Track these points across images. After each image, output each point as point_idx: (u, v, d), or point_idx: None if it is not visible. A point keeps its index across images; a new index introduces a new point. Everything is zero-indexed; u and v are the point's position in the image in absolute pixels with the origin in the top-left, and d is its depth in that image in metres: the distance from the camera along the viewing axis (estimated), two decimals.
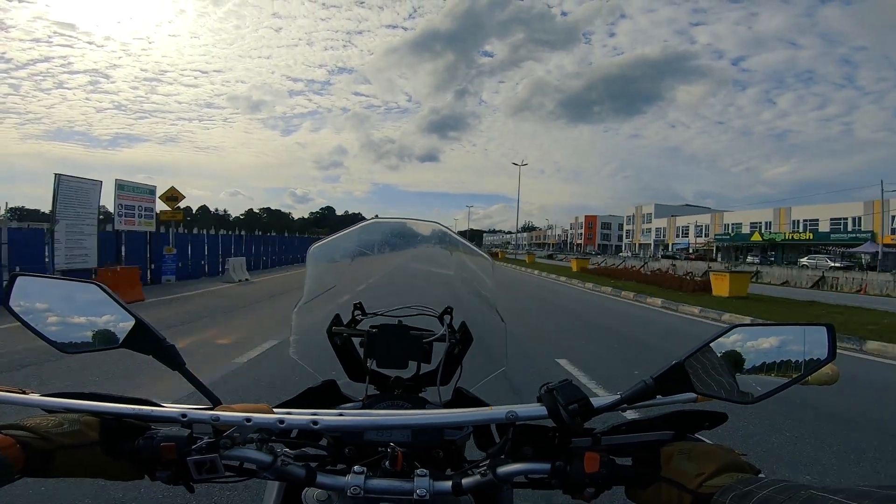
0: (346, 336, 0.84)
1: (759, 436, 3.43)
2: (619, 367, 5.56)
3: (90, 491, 2.30)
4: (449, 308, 0.85)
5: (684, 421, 0.60)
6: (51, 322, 0.61)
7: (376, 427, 0.62)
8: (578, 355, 5.91)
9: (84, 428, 0.52)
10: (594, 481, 0.53)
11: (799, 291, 18.95)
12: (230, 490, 2.35)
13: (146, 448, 0.52)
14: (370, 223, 0.91)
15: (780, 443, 3.34)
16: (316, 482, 0.57)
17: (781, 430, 3.55)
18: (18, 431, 0.49)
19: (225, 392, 2.24)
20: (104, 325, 0.61)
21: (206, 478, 0.53)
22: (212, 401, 0.62)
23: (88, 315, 0.62)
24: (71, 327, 0.61)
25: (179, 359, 0.62)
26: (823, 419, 3.81)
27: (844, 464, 3.04)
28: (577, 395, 0.55)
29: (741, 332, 0.55)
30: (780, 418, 3.73)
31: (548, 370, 5.12)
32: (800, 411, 3.91)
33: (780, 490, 0.39)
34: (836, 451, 3.24)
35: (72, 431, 0.51)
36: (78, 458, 0.51)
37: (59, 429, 0.51)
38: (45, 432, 0.50)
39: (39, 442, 0.49)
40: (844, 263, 36.31)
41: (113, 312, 0.61)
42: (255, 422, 0.53)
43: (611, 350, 6.64)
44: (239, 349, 5.60)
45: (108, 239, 12.41)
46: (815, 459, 3.09)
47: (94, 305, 0.61)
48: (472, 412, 0.62)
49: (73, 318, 0.62)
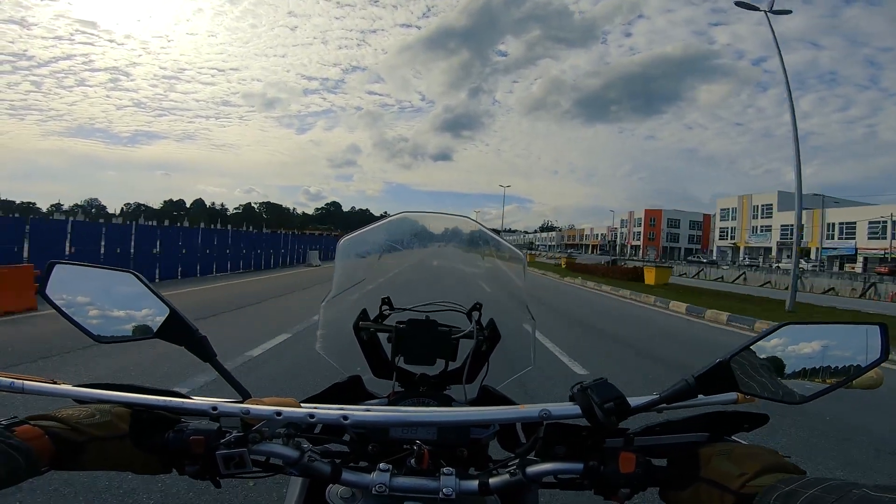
0: (372, 331, 0.84)
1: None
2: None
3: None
4: (478, 304, 0.84)
5: (722, 422, 0.58)
6: (86, 311, 0.61)
7: (407, 423, 0.61)
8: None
9: (115, 419, 0.51)
10: (629, 482, 0.52)
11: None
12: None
13: (176, 441, 0.52)
14: (400, 216, 0.91)
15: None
16: (341, 479, 0.56)
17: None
18: (49, 422, 0.47)
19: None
20: (139, 315, 0.62)
21: (234, 472, 0.52)
22: (241, 394, 0.62)
23: (124, 304, 0.62)
24: (106, 317, 0.62)
25: (211, 350, 0.62)
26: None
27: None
28: (613, 394, 0.54)
29: (790, 330, 0.53)
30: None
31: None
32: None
33: (828, 489, 0.38)
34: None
35: (103, 423, 0.50)
36: (108, 450, 0.50)
37: (90, 420, 0.50)
38: (76, 423, 0.48)
39: (70, 433, 0.48)
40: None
41: (148, 302, 0.61)
42: (286, 416, 0.53)
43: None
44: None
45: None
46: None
47: (130, 294, 0.62)
48: (502, 410, 0.61)
49: (108, 308, 0.62)
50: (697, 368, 0.53)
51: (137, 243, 12.75)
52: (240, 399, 0.58)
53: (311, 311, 4.65)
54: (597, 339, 7.46)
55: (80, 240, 10.62)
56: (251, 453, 0.52)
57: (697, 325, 9.73)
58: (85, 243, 10.79)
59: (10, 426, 0.45)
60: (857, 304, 17.90)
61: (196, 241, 15.52)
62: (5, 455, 0.41)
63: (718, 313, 10.53)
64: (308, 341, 5.35)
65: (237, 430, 0.53)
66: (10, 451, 0.41)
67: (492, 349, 0.84)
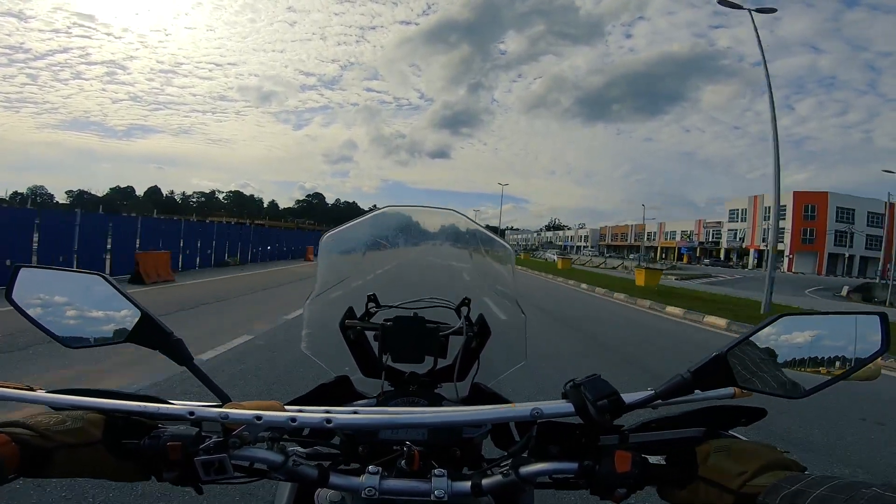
0: (359, 329, 0.82)
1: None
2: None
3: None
4: (466, 300, 0.83)
5: (719, 417, 0.57)
6: (54, 315, 0.59)
7: (394, 426, 0.59)
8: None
9: (87, 426, 0.50)
10: (625, 481, 0.50)
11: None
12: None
13: (152, 447, 0.50)
14: (384, 211, 0.89)
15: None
16: (329, 483, 0.55)
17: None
18: (16, 429, 0.47)
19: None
20: (109, 319, 0.60)
21: (215, 479, 0.51)
22: (220, 398, 0.60)
23: (93, 308, 0.60)
24: (75, 321, 0.60)
25: (187, 353, 0.61)
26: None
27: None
28: (606, 391, 0.53)
29: (787, 321, 0.51)
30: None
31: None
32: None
33: (835, 488, 0.36)
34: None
35: (74, 429, 0.49)
36: (79, 457, 0.49)
37: (61, 426, 0.49)
38: (44, 430, 0.48)
39: (38, 440, 0.47)
40: None
41: (119, 305, 0.59)
42: (266, 420, 0.51)
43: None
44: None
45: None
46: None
47: (100, 298, 0.59)
48: (493, 410, 0.60)
49: (77, 312, 0.60)
50: (694, 363, 0.52)
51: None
52: (219, 403, 0.56)
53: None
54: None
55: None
56: (233, 458, 0.51)
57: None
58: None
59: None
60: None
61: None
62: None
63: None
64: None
65: (217, 434, 0.51)
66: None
67: (482, 345, 0.82)
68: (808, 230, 54.78)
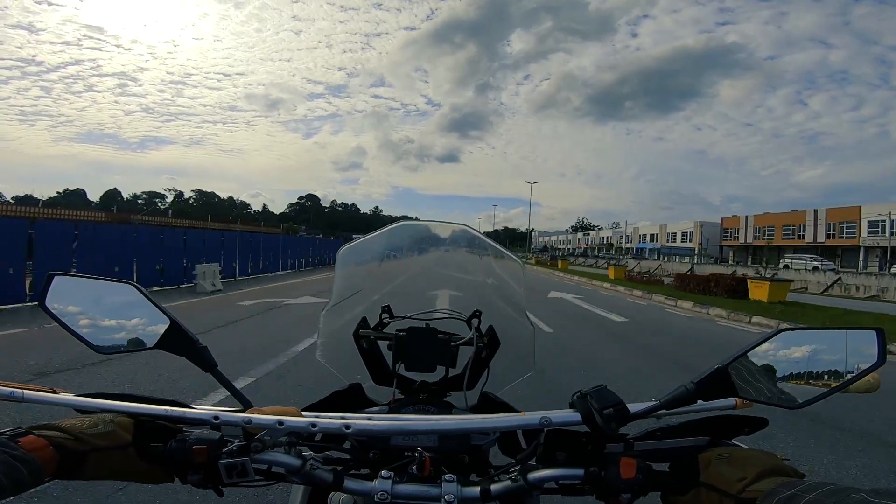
0: (372, 339, 0.84)
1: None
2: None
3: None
4: (477, 312, 0.85)
5: (721, 426, 0.59)
6: (86, 322, 0.61)
7: (408, 432, 0.61)
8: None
9: (118, 429, 0.51)
10: (630, 487, 0.52)
11: None
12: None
13: (178, 450, 0.52)
14: (399, 226, 0.92)
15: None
16: (343, 487, 0.56)
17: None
18: (52, 432, 0.48)
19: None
20: (139, 326, 0.62)
21: (236, 481, 0.53)
22: (243, 403, 0.62)
23: (123, 315, 0.62)
24: (106, 328, 0.62)
25: (212, 361, 0.62)
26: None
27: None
28: (612, 400, 0.55)
29: (787, 336, 0.53)
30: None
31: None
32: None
33: (827, 493, 0.38)
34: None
35: (106, 432, 0.50)
36: (111, 459, 0.50)
37: (94, 430, 0.50)
38: (79, 433, 0.49)
39: (73, 443, 0.48)
40: None
41: (148, 313, 0.61)
42: (287, 425, 0.53)
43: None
44: None
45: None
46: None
47: (130, 306, 0.62)
48: (503, 418, 0.62)
49: (108, 319, 0.62)
50: (697, 374, 0.54)
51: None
52: (241, 408, 0.58)
53: None
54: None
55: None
56: (253, 462, 0.53)
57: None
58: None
59: (14, 437, 0.45)
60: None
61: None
62: (9, 466, 0.41)
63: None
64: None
65: (239, 439, 0.53)
66: (14, 462, 0.41)
67: (492, 356, 0.84)
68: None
